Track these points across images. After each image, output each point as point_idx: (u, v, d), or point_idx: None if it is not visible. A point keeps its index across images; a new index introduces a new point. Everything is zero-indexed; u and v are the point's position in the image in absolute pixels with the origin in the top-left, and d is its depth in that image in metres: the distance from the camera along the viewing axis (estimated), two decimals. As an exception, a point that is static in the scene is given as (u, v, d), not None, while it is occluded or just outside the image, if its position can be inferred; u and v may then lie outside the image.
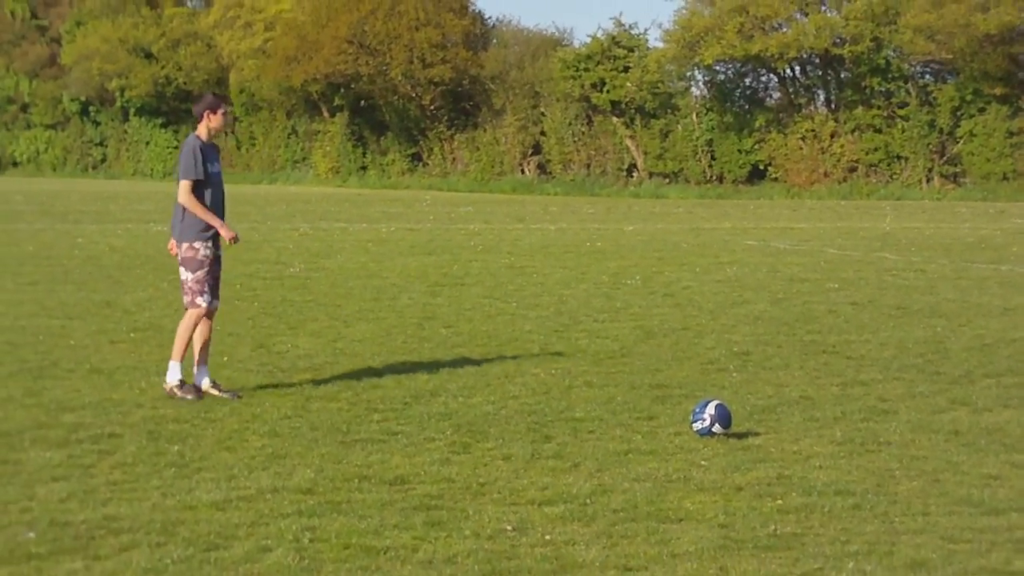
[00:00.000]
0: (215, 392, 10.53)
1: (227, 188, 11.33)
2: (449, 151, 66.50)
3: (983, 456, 8.73)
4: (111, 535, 6.77)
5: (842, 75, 58.39)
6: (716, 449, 8.89)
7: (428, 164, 66.99)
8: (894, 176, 56.05)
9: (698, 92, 61.30)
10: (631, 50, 60.58)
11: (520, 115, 63.58)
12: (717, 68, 59.21)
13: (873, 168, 56.52)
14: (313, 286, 18.73)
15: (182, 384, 10.46)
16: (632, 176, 60.97)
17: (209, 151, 10.69)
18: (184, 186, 10.53)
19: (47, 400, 10.21)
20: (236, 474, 8.03)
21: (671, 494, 7.74)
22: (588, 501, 7.56)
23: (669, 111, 60.41)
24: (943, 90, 55.59)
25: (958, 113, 54.93)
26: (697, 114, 59.87)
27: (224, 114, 10.80)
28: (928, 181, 55.52)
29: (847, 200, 52.64)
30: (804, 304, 17.08)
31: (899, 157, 55.97)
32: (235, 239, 10.53)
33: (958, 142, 55.06)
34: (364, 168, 69.13)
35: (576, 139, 61.88)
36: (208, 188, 10.60)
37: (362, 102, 68.88)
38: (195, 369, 10.69)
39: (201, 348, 10.70)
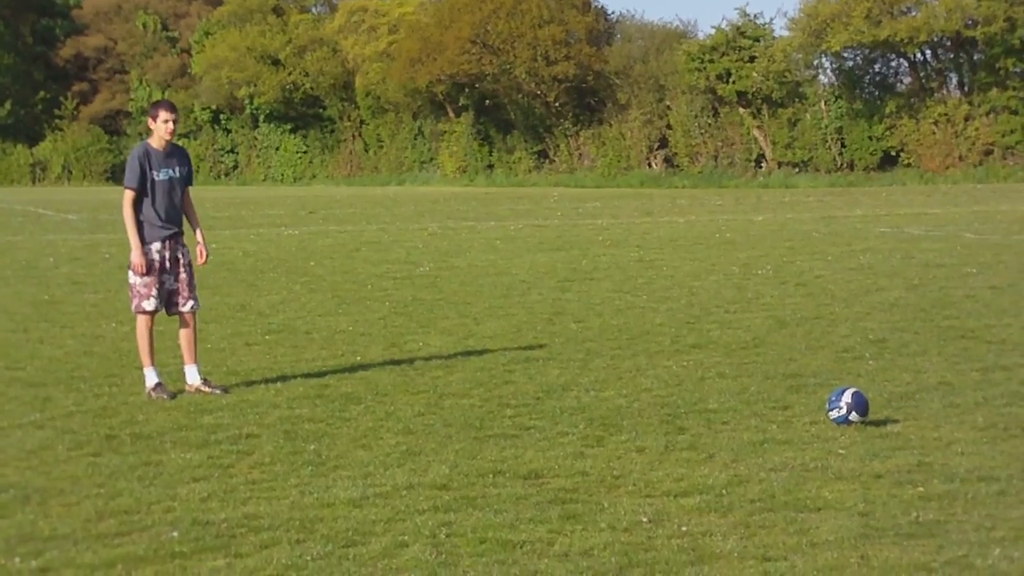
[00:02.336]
0: (206, 389, 10.71)
1: (356, 191, 11.43)
2: (575, 147, 66.47)
3: None
4: (251, 533, 6.86)
5: (975, 57, 57.20)
6: (853, 437, 8.75)
7: (554, 161, 67.03)
8: (1033, 158, 54.76)
9: (826, 80, 60.57)
10: (756, 40, 60.01)
11: (645, 109, 63.34)
12: (845, 55, 58.41)
13: (1010, 151, 55.27)
14: (443, 284, 18.83)
15: (157, 386, 10.61)
16: (760, 166, 60.40)
17: (157, 157, 10.72)
18: (125, 196, 10.69)
19: (186, 403, 10.39)
20: (372, 471, 8.09)
21: (809, 483, 7.64)
22: (724, 492, 7.49)
23: (796, 100, 59.71)
24: (1080, 67, 54.19)
25: (1098, 90, 53.52)
26: (825, 102, 59.10)
27: (165, 121, 10.73)
28: (1067, 161, 54.17)
29: (983, 184, 51.58)
30: (941, 290, 16.77)
31: (1036, 138, 54.67)
32: (139, 267, 10.60)
33: (1100, 120, 53.62)
34: (491, 167, 69.40)
35: (703, 131, 61.48)
36: (156, 194, 10.68)
37: (487, 101, 69.14)
38: (184, 368, 10.88)
39: (187, 348, 10.87)
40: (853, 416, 9.04)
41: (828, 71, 60.63)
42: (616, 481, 7.79)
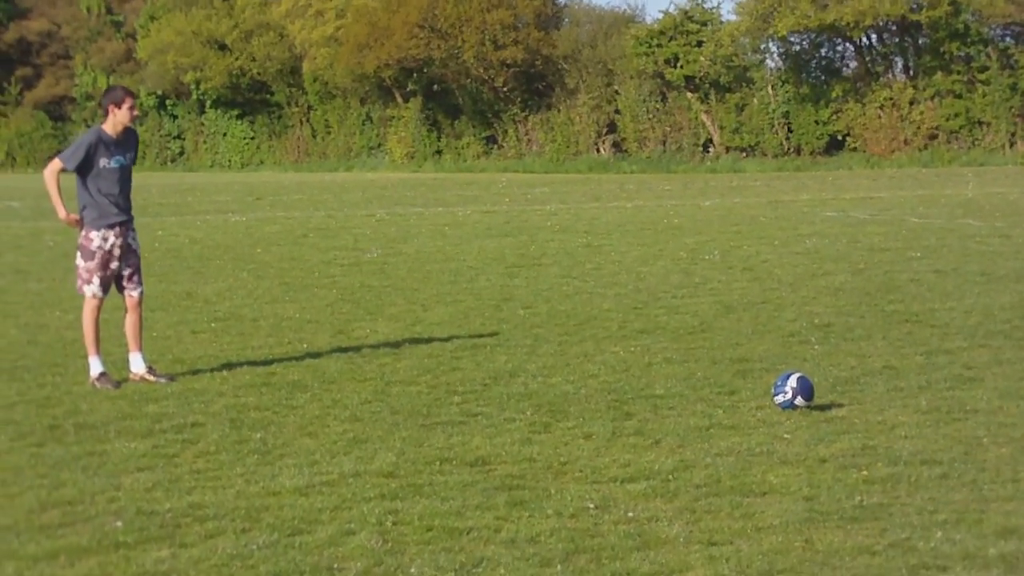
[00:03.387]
0: (151, 378, 10.65)
1: (304, 177, 11.39)
2: (524, 133, 66.40)
3: (1073, 421, 8.58)
4: (196, 523, 6.83)
5: (920, 41, 57.58)
6: (799, 422, 8.80)
7: (503, 146, 66.95)
8: (976, 142, 55.22)
9: (773, 64, 60.76)
10: (704, 24, 60.13)
11: (594, 94, 63.35)
12: (792, 39, 58.61)
13: (954, 135, 55.71)
14: (391, 271, 18.78)
15: (102, 375, 10.54)
16: (708, 151, 60.57)
17: (111, 145, 10.67)
18: (53, 164, 10.69)
19: (130, 392, 10.31)
20: (318, 459, 8.07)
21: (754, 468, 7.68)
22: (670, 477, 7.52)
23: (744, 84, 59.91)
24: (1024, 53, 54.69)
25: (1041, 76, 54.02)
26: (773, 86, 59.32)
27: (131, 108, 10.69)
28: (1011, 146, 54.64)
29: (928, 168, 51.96)
30: (886, 274, 16.89)
31: (980, 123, 55.13)
32: (72, 223, 10.61)
33: (1040, 105, 54.16)
34: (439, 152, 69.24)
35: (651, 116, 61.55)
36: (107, 181, 10.64)
37: (435, 86, 68.94)
38: (128, 356, 10.81)
39: (132, 336, 10.81)
40: (799, 401, 9.09)
41: (775, 56, 60.87)
42: (563, 467, 7.81)
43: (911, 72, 58.06)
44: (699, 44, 59.44)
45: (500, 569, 6.03)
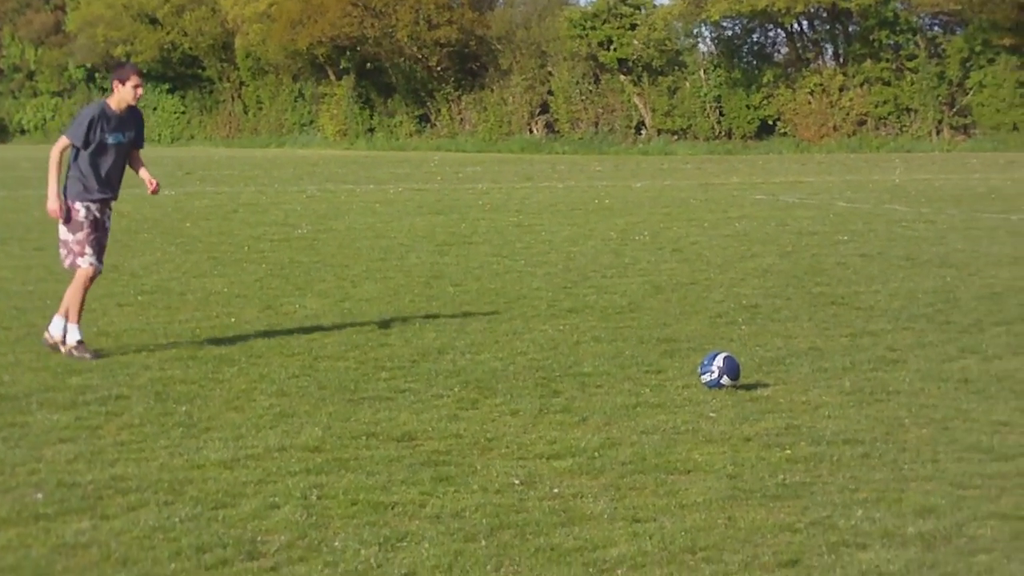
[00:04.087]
0: (61, 348, 10.49)
1: (235, 152, 11.29)
2: (457, 112, 66.30)
3: (992, 403, 8.70)
4: (119, 495, 6.77)
5: (850, 28, 58.11)
6: (724, 401, 8.87)
7: (436, 125, 66.82)
8: (904, 129, 55.86)
9: (705, 48, 61.10)
10: (638, 7, 60.32)
11: (527, 75, 63.35)
12: (724, 24, 58.99)
13: (882, 121, 56.32)
14: (321, 247, 18.70)
15: (80, 344, 10.44)
16: (640, 133, 60.80)
17: (113, 120, 10.56)
18: (59, 142, 10.56)
19: (54, 364, 10.20)
20: (244, 433, 8.02)
21: (679, 446, 7.73)
22: (596, 454, 7.55)
23: (677, 68, 60.18)
24: (952, 41, 55.37)
25: (967, 64, 54.71)
26: (705, 70, 59.64)
27: (135, 86, 10.56)
28: (938, 133, 55.33)
29: (856, 153, 52.46)
30: (813, 257, 17.03)
31: (908, 109, 55.78)
32: (55, 213, 10.46)
33: (967, 93, 54.86)
34: (372, 130, 68.97)
35: (584, 98, 61.68)
36: (102, 156, 10.55)
37: (368, 64, 68.62)
38: (54, 319, 10.65)
39: (70, 306, 10.64)
40: (725, 380, 9.16)
41: (707, 40, 61.24)
42: (489, 444, 7.82)
43: (841, 59, 58.57)
44: (632, 27, 59.63)
45: (424, 544, 6.03)
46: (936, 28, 57.20)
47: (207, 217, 23.70)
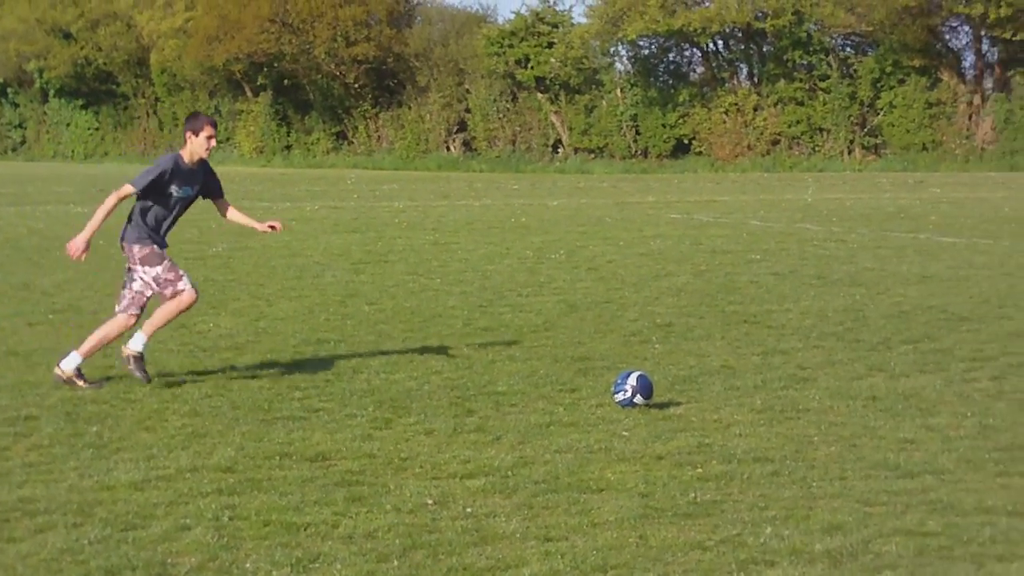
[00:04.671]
0: (80, 382, 9.99)
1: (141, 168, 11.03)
2: (374, 129, 66.20)
3: (899, 420, 8.84)
4: (26, 517, 6.70)
5: (764, 49, 58.77)
6: (637, 419, 8.93)
7: (353, 143, 66.66)
8: (816, 148, 56.56)
9: (622, 68, 61.48)
10: (555, 26, 60.61)
11: (445, 92, 63.41)
12: (640, 43, 59.39)
13: (796, 141, 57.00)
14: (236, 265, 18.60)
15: (139, 357, 10.04)
16: (557, 152, 61.04)
17: (184, 173, 10.14)
18: (124, 189, 10.10)
19: (-37, 384, 10.06)
20: (155, 454, 7.97)
21: (592, 465, 7.78)
22: (509, 473, 7.58)
23: (593, 87, 60.52)
24: (863, 62, 56.17)
25: (878, 85, 55.52)
26: (621, 89, 60.02)
27: (208, 138, 10.10)
28: (849, 152, 56.07)
29: (770, 173, 53.03)
30: (726, 275, 17.20)
31: (821, 129, 56.49)
32: (75, 249, 10.13)
33: (878, 113, 55.66)
34: (288, 147, 68.68)
35: (501, 116, 61.84)
36: (164, 208, 10.16)
37: (285, 81, 68.31)
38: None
39: (107, 340, 10.26)
40: (638, 399, 9.22)
41: (624, 59, 61.62)
42: (403, 463, 7.82)
43: (755, 79, 59.19)
44: (550, 45, 59.91)
45: (337, 564, 6.03)
46: (848, 49, 57.99)
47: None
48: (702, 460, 7.86)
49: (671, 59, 61.11)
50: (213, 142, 10.18)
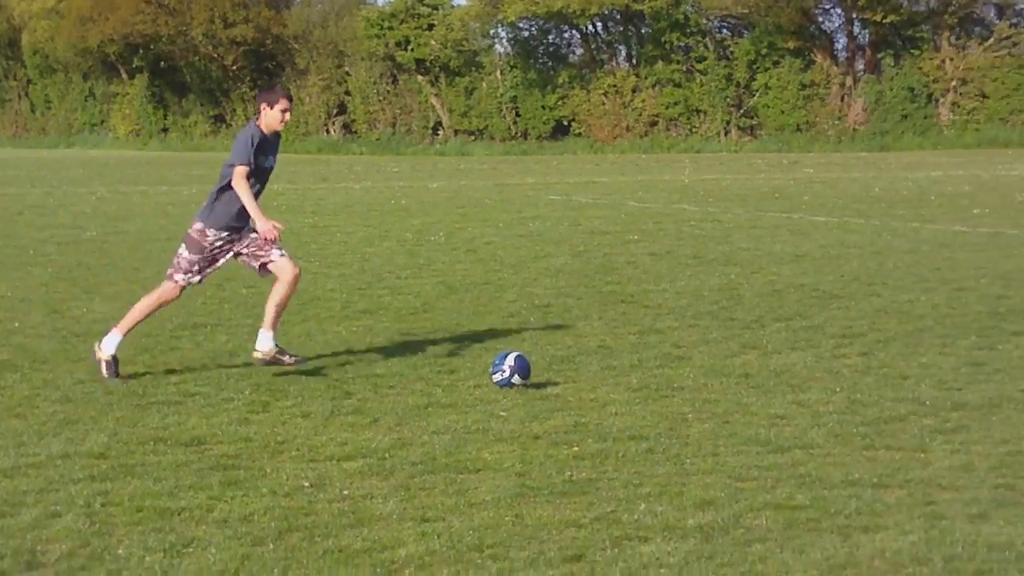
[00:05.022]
0: (285, 358, 9.81)
1: (22, 153, 10.92)
2: (252, 112, 65.46)
3: (771, 397, 9.00)
4: None
5: (643, 31, 59.20)
6: (515, 400, 8.99)
7: (232, 125, 65.91)
8: (693, 129, 57.14)
9: (502, 50, 61.56)
10: (435, 8, 60.44)
11: (324, 75, 62.98)
12: (520, 25, 59.47)
13: (673, 122, 57.53)
14: (111, 250, 18.34)
15: (114, 360, 9.79)
16: (437, 134, 60.97)
17: (267, 143, 9.88)
18: (239, 172, 9.68)
19: None
20: (26, 441, 7.85)
21: (469, 445, 7.82)
22: (387, 455, 7.59)
23: (473, 69, 60.51)
24: (739, 44, 56.84)
25: (754, 67, 56.23)
26: (501, 71, 60.09)
27: (284, 111, 9.81)
28: (726, 134, 56.72)
29: (648, 154, 53.48)
30: (604, 256, 17.34)
31: (698, 111, 57.07)
32: (273, 229, 9.67)
33: (754, 95, 56.37)
34: (165, 130, 67.77)
35: (381, 98, 61.58)
36: (253, 181, 9.82)
37: (162, 63, 67.33)
38: (266, 332, 9.88)
39: (276, 314, 9.94)
40: (516, 379, 9.28)
41: (504, 41, 61.71)
42: (280, 446, 7.80)
43: (634, 61, 59.61)
44: (430, 27, 59.76)
45: (211, 548, 6.00)
46: (725, 31, 58.68)
47: (-9, 219, 23.02)
48: (578, 439, 7.94)
49: (551, 41, 61.29)
50: (288, 116, 9.90)
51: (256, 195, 9.82)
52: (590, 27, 60.21)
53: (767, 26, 55.31)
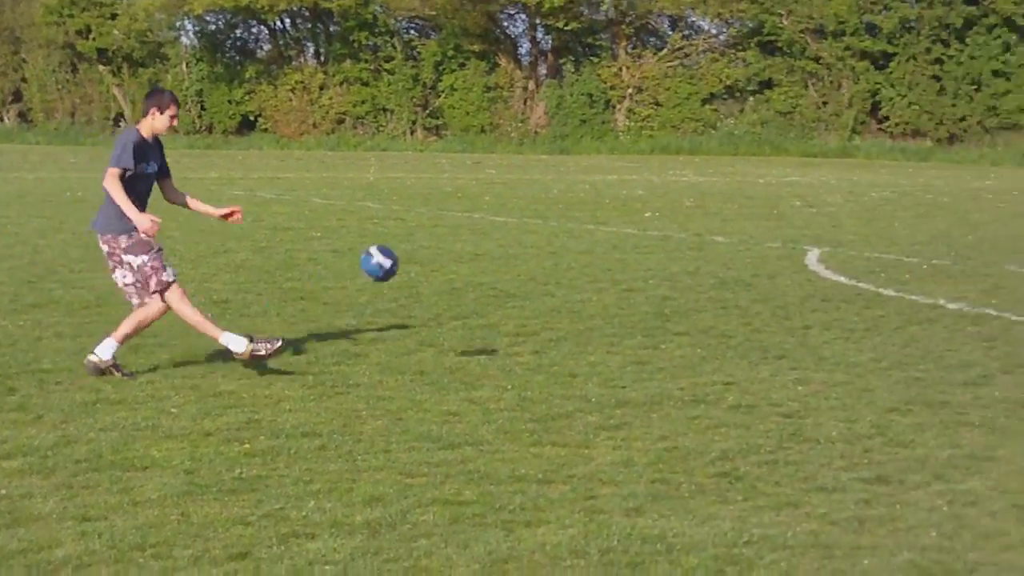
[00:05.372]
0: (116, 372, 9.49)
1: None
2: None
3: (444, 394, 9.13)
4: None
5: (331, 28, 59.10)
6: (187, 396, 8.87)
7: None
8: (380, 128, 57.39)
9: (188, 42, 60.46)
10: (119, -3, 58.92)
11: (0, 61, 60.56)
12: (207, 18, 58.61)
13: (360, 120, 57.66)
14: None
15: (272, 340, 9.57)
16: (119, 125, 59.34)
17: (147, 149, 9.60)
18: (112, 173, 9.35)
19: None
20: None
21: (138, 442, 7.67)
22: (49, 453, 7.37)
23: (158, 60, 59.23)
24: (427, 45, 57.40)
25: (440, 68, 56.90)
26: (187, 64, 58.99)
27: (172, 117, 9.67)
28: (412, 133, 57.19)
29: (335, 151, 53.39)
30: (286, 252, 17.25)
31: (385, 110, 57.37)
32: (152, 227, 9.46)
33: (440, 96, 56.99)
34: None
35: (60, 87, 59.56)
36: (134, 186, 9.50)
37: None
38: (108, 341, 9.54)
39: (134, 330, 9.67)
40: (374, 252, 9.79)
41: (190, 34, 60.63)
42: (-65, 446, 7.48)
43: (322, 58, 59.46)
44: (113, 17, 58.22)
45: None
46: (412, 32, 59.16)
47: None
48: (250, 436, 7.88)
49: (238, 35, 60.60)
50: (176, 121, 9.79)
51: (143, 202, 9.65)
52: (278, 23, 59.80)
53: (454, 28, 56.06)
